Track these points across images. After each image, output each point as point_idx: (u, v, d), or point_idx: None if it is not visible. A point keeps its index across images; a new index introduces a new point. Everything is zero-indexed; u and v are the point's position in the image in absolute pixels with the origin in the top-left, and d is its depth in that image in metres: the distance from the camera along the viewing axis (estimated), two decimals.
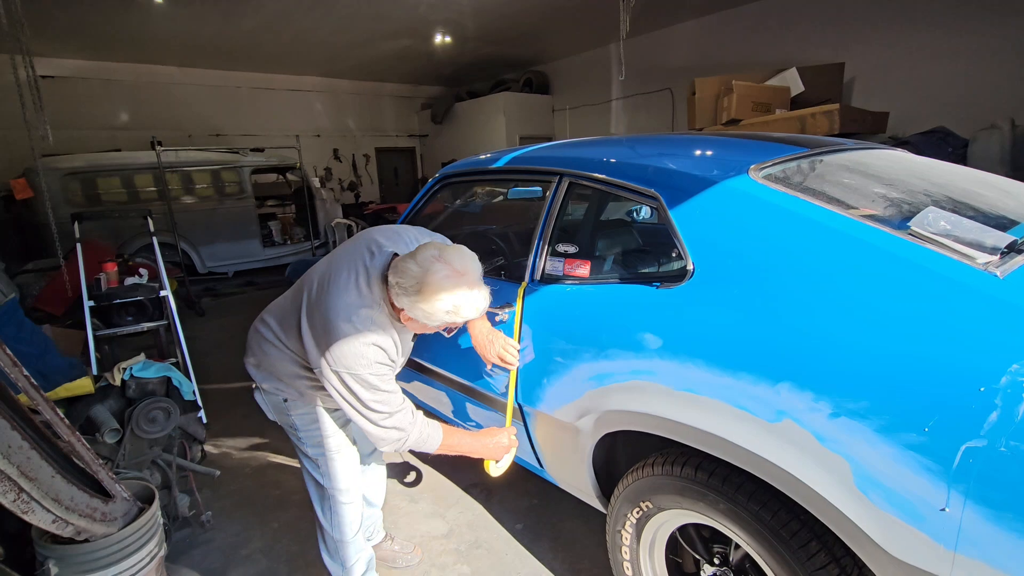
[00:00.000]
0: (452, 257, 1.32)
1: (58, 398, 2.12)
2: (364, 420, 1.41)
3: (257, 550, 2.18)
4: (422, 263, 1.30)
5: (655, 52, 8.20)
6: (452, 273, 1.29)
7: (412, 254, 1.35)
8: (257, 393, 1.70)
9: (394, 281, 1.34)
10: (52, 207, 4.86)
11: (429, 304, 1.29)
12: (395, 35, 7.89)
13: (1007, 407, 0.84)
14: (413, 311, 1.33)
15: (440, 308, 1.30)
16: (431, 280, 1.28)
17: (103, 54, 8.10)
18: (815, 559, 1.11)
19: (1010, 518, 0.83)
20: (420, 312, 1.32)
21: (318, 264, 1.58)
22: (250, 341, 1.66)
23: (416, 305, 1.31)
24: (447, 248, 1.36)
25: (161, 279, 3.27)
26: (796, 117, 5.15)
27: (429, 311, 1.31)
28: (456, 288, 1.29)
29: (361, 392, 1.37)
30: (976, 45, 5.42)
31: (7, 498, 1.22)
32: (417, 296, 1.30)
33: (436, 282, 1.28)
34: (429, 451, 1.54)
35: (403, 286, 1.31)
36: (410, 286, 1.30)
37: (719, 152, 1.71)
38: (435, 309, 1.30)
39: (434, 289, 1.28)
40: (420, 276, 1.29)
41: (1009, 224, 1.29)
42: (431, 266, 1.29)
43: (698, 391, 1.23)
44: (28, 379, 1.30)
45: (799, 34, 6.64)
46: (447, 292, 1.28)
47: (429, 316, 1.32)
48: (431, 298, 1.29)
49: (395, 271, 1.35)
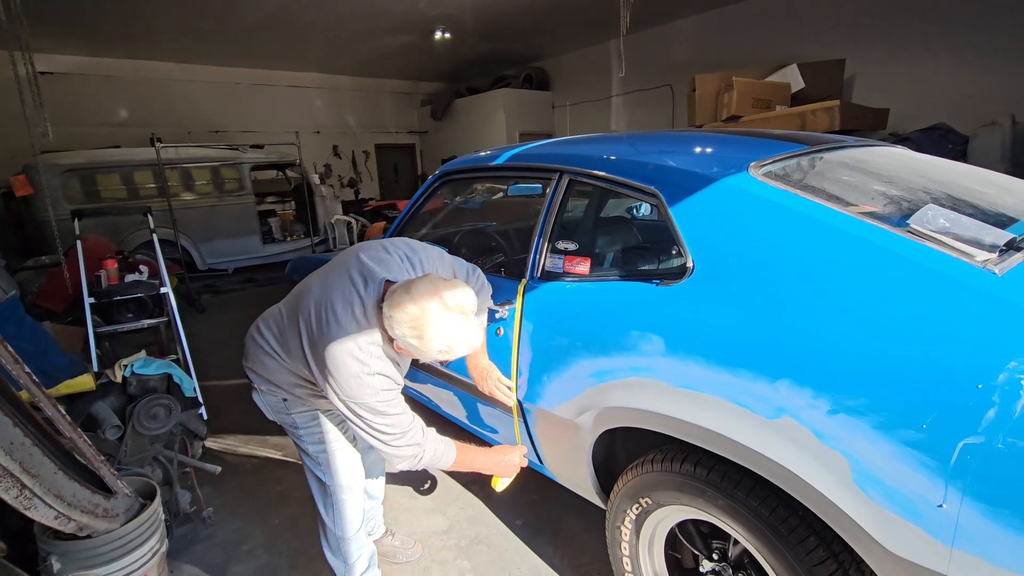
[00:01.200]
0: (448, 295, 1.31)
1: (59, 395, 2.13)
2: (378, 442, 1.45)
3: (258, 546, 2.18)
4: (418, 299, 1.29)
5: (655, 48, 8.18)
6: (448, 313, 1.29)
7: (407, 288, 1.33)
8: (255, 394, 1.71)
9: (389, 314, 1.33)
10: (52, 204, 4.86)
11: (423, 343, 1.30)
12: (395, 31, 7.87)
13: (1005, 404, 0.84)
14: (406, 345, 1.35)
15: (434, 347, 1.31)
16: (427, 320, 1.28)
17: (102, 50, 8.08)
18: (813, 555, 1.11)
19: (1007, 514, 0.83)
20: (413, 348, 1.33)
21: (312, 284, 1.55)
22: (248, 347, 1.66)
23: (408, 341, 1.32)
24: (442, 284, 1.34)
25: (161, 276, 3.28)
26: (796, 114, 5.14)
27: (423, 349, 1.32)
28: (451, 328, 1.30)
29: (371, 418, 1.40)
30: (977, 42, 5.41)
31: (9, 494, 1.23)
32: (411, 332, 1.30)
33: (432, 322, 1.28)
34: (443, 468, 1.59)
35: (398, 320, 1.31)
36: (405, 321, 1.30)
37: (719, 149, 1.71)
38: (429, 348, 1.31)
39: (429, 329, 1.28)
40: (416, 315, 1.28)
41: (1008, 222, 1.29)
42: (427, 304, 1.29)
43: (698, 388, 1.24)
44: (29, 376, 1.31)
45: (800, 30, 6.62)
46: (442, 332, 1.29)
47: (422, 353, 1.34)
48: (425, 337, 1.29)
49: (390, 304, 1.34)
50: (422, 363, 2.18)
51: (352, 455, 1.72)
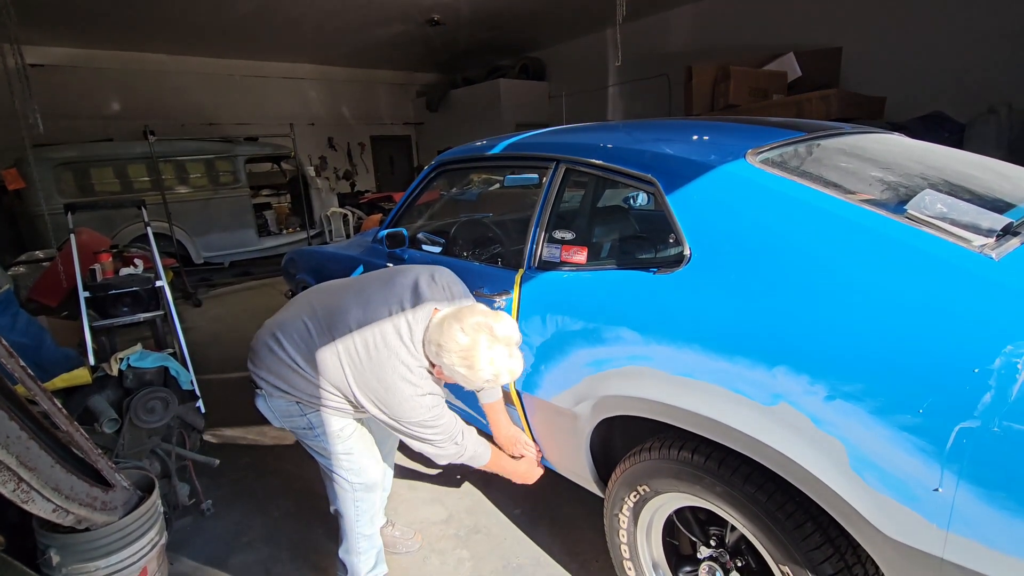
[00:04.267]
0: (498, 328, 1.39)
1: (55, 389, 2.12)
2: (426, 445, 1.53)
3: (258, 538, 2.19)
4: (470, 331, 1.37)
5: (652, 38, 8.13)
6: (496, 344, 1.37)
7: (458, 317, 1.40)
8: (260, 399, 1.63)
9: (439, 342, 1.39)
10: (45, 198, 4.82)
11: (472, 372, 1.37)
12: (389, 21, 7.79)
13: (1001, 388, 0.84)
14: (452, 374, 1.41)
15: (482, 376, 1.37)
16: (479, 352, 1.35)
17: (93, 42, 7.98)
18: (810, 540, 1.12)
19: (1002, 497, 0.84)
20: (460, 376, 1.40)
21: (347, 303, 1.56)
22: (260, 353, 1.58)
23: (456, 370, 1.38)
24: (492, 317, 1.41)
25: (156, 269, 3.25)
26: (793, 102, 5.13)
27: (471, 378, 1.38)
28: (499, 359, 1.37)
29: (422, 432, 1.48)
30: (974, 29, 5.39)
31: (7, 488, 1.23)
32: (460, 361, 1.36)
33: (483, 353, 1.35)
34: (477, 466, 1.68)
35: (448, 350, 1.37)
36: (455, 351, 1.36)
37: (716, 137, 1.71)
38: (478, 377, 1.37)
39: (479, 359, 1.35)
40: (468, 347, 1.36)
41: (1005, 207, 1.29)
42: (479, 336, 1.36)
43: (695, 376, 1.24)
44: (25, 370, 1.30)
45: (796, 19, 6.58)
46: (490, 363, 1.36)
47: (469, 381, 1.40)
48: (476, 367, 1.36)
49: (439, 332, 1.40)
50: None
51: (375, 452, 1.72)
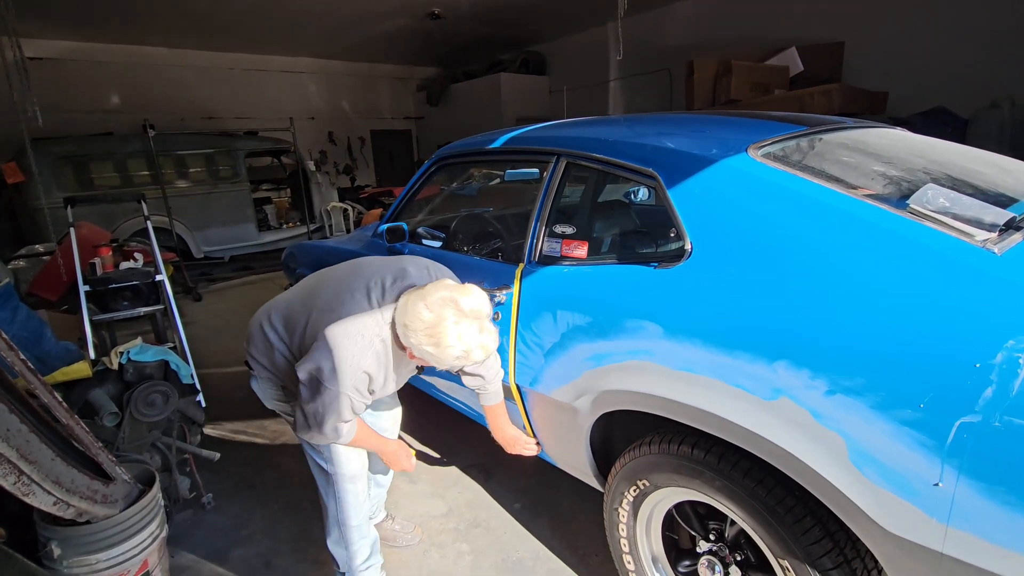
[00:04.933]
0: (464, 301, 1.31)
1: (56, 382, 2.12)
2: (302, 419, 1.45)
3: (258, 530, 2.20)
4: (433, 307, 1.30)
5: (653, 32, 8.09)
6: (463, 319, 1.30)
7: (422, 294, 1.33)
8: (254, 381, 1.70)
9: (402, 322, 1.33)
10: (44, 191, 4.81)
11: (440, 350, 1.30)
12: (389, 14, 7.75)
13: (1002, 383, 0.84)
14: (422, 355, 1.34)
15: (451, 354, 1.30)
16: (443, 328, 1.28)
17: (92, 35, 7.95)
18: (810, 534, 1.12)
19: (1003, 492, 0.84)
20: (429, 356, 1.33)
21: (338, 270, 1.57)
22: (252, 333, 1.64)
23: (425, 350, 1.32)
24: (458, 291, 1.34)
25: (156, 263, 3.25)
26: (795, 97, 5.11)
27: (440, 356, 1.31)
28: (467, 334, 1.30)
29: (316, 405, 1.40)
30: (976, 24, 5.36)
31: (7, 481, 1.23)
32: (427, 339, 1.30)
33: (449, 329, 1.28)
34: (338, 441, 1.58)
35: (412, 328, 1.31)
36: (420, 329, 1.30)
37: (717, 131, 1.70)
38: (445, 355, 1.31)
39: (446, 336, 1.28)
40: (433, 323, 1.29)
41: (1008, 202, 1.28)
42: (443, 312, 1.29)
43: (695, 370, 1.24)
44: (25, 363, 1.30)
45: (799, 13, 6.54)
46: (457, 339, 1.29)
47: (439, 360, 1.33)
48: (443, 344, 1.29)
49: (403, 311, 1.34)
50: None
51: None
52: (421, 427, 2.91)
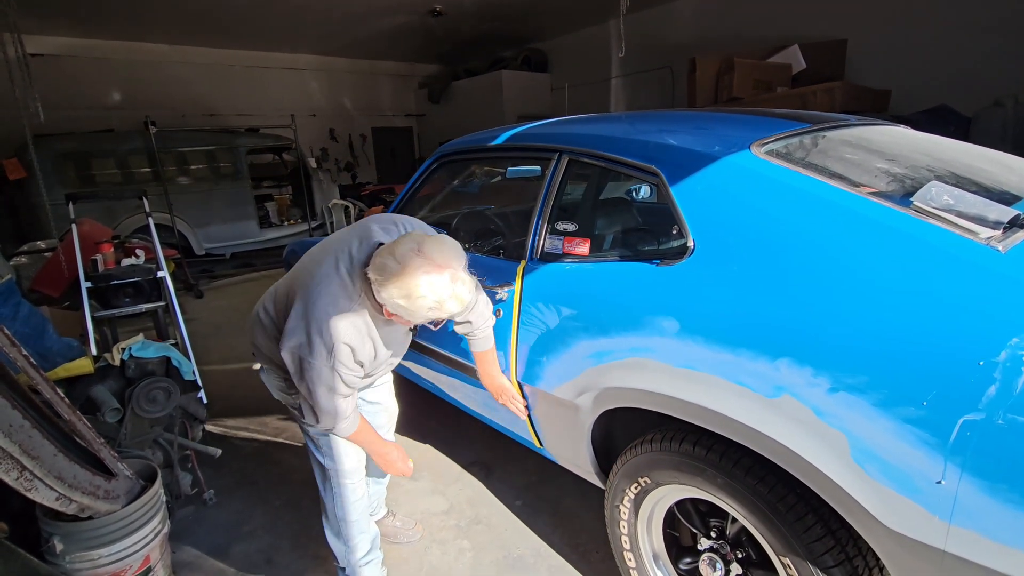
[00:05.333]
0: (432, 250, 1.27)
1: (58, 378, 2.13)
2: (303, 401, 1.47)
3: (260, 527, 2.20)
4: (400, 258, 1.26)
5: (655, 29, 8.06)
6: (433, 268, 1.25)
7: (391, 247, 1.30)
8: (262, 372, 1.71)
9: (373, 276, 1.30)
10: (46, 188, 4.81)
11: (410, 301, 1.26)
12: (391, 11, 7.73)
13: (1006, 381, 0.84)
14: (396, 309, 1.30)
15: (422, 305, 1.26)
16: (410, 277, 1.24)
17: (93, 31, 7.93)
18: (811, 531, 1.12)
19: (1005, 490, 0.84)
20: (401, 309, 1.29)
21: (312, 248, 1.58)
22: (253, 324, 1.65)
23: (397, 303, 1.28)
24: (427, 240, 1.30)
25: (158, 260, 3.25)
26: (797, 95, 5.10)
27: (411, 308, 1.27)
28: (438, 284, 1.25)
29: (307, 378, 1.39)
30: (980, 22, 5.33)
31: (10, 476, 1.23)
32: (398, 292, 1.25)
33: (416, 278, 1.24)
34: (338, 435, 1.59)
35: (382, 283, 1.27)
36: (390, 283, 1.26)
37: (720, 128, 1.69)
38: (417, 306, 1.27)
39: (414, 286, 1.24)
40: (399, 274, 1.25)
41: (1012, 199, 1.28)
42: (410, 261, 1.25)
43: (697, 368, 1.23)
44: (27, 359, 1.30)
45: (801, 10, 6.52)
46: (428, 289, 1.24)
47: (411, 313, 1.29)
48: (412, 295, 1.25)
49: (375, 267, 1.31)
50: (425, 346, 2.18)
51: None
52: (422, 424, 2.91)
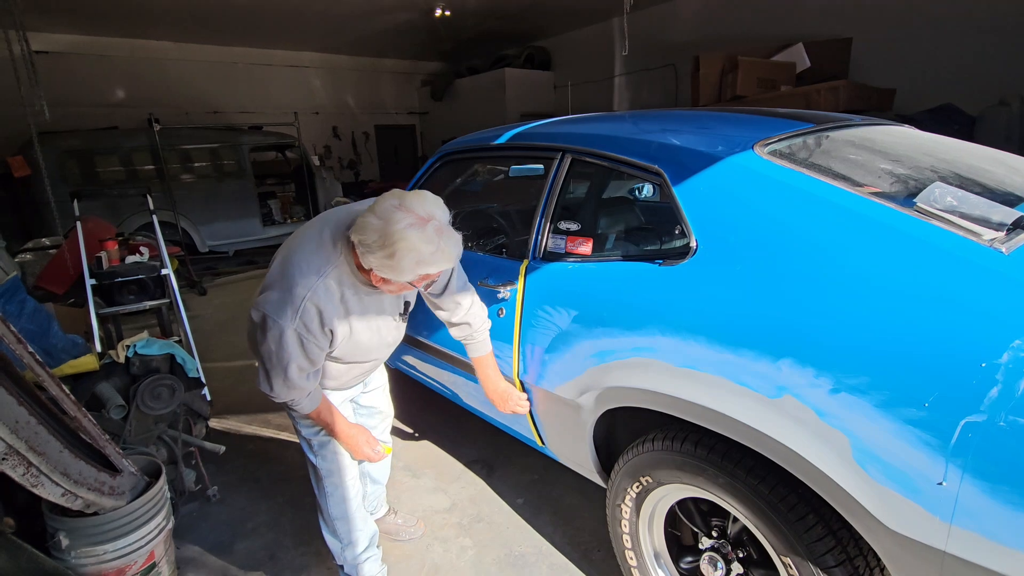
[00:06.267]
0: (414, 203, 1.24)
1: (63, 375, 2.14)
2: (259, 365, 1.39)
3: (263, 523, 2.21)
4: (382, 214, 1.22)
5: (658, 27, 8.04)
6: (416, 221, 1.21)
7: (371, 207, 1.26)
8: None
9: (357, 240, 1.26)
10: (50, 185, 4.83)
11: (396, 259, 1.21)
12: (394, 9, 7.73)
13: (1008, 382, 0.84)
14: (382, 269, 1.25)
15: (409, 260, 1.21)
16: (394, 231, 1.19)
17: (97, 29, 7.95)
18: (812, 532, 1.13)
19: (1007, 491, 0.84)
20: (388, 268, 1.24)
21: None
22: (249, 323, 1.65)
23: (383, 262, 1.23)
24: (407, 195, 1.26)
25: (162, 258, 3.26)
26: (801, 94, 5.08)
27: (398, 265, 1.22)
28: (422, 236, 1.21)
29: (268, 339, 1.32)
30: (984, 21, 5.30)
31: (16, 472, 1.24)
32: (382, 251, 1.21)
33: (399, 232, 1.19)
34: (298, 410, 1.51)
35: (366, 243, 1.23)
36: (373, 241, 1.22)
37: (724, 128, 1.69)
38: (404, 263, 1.22)
39: (398, 240, 1.19)
40: (382, 228, 1.21)
41: (1016, 200, 1.27)
42: (392, 216, 1.21)
43: (699, 368, 1.24)
44: (33, 356, 1.31)
45: (806, 8, 6.49)
46: (413, 242, 1.20)
47: (399, 271, 1.24)
48: (397, 250, 1.20)
49: (356, 229, 1.26)
50: (424, 343, 2.19)
51: None
52: (424, 422, 2.92)
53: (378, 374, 1.90)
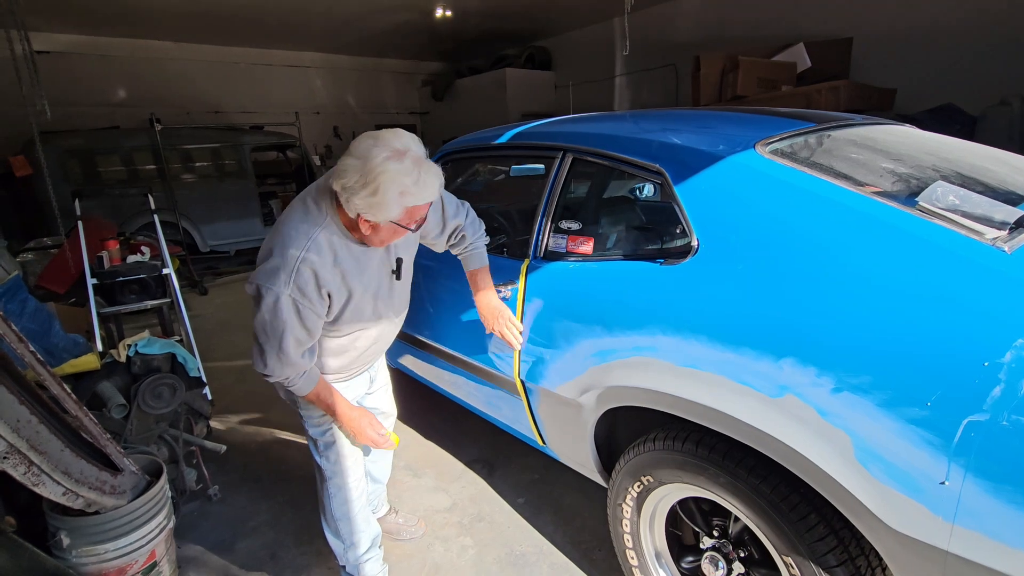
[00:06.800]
0: (389, 138, 1.25)
1: (64, 374, 2.14)
2: (253, 332, 1.38)
3: (264, 522, 2.22)
4: (359, 154, 1.24)
5: (659, 27, 8.03)
6: (393, 154, 1.23)
7: (347, 151, 1.28)
8: None
9: (340, 186, 1.25)
10: (52, 185, 4.84)
11: (379, 195, 1.22)
12: (395, 8, 7.72)
13: (1010, 381, 0.84)
14: (368, 210, 1.25)
15: (392, 192, 1.22)
16: (373, 166, 1.21)
17: (99, 28, 7.95)
18: (814, 531, 1.12)
19: (1009, 490, 0.83)
20: (374, 207, 1.24)
21: None
22: None
23: (368, 200, 1.23)
24: (381, 132, 1.28)
25: (163, 257, 3.27)
26: (802, 93, 5.08)
27: (382, 201, 1.23)
28: (401, 168, 1.22)
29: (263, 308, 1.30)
30: (986, 20, 5.29)
31: (18, 471, 1.24)
32: (364, 189, 1.22)
33: (379, 165, 1.21)
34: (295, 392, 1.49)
35: (348, 186, 1.23)
36: (355, 182, 1.22)
37: (725, 127, 1.69)
38: (388, 197, 1.22)
39: (379, 174, 1.21)
40: (361, 167, 1.22)
41: (1018, 199, 1.27)
42: (369, 152, 1.23)
43: (701, 367, 1.23)
44: (34, 355, 1.31)
45: (807, 8, 6.49)
46: (393, 174, 1.21)
47: (385, 206, 1.24)
48: (379, 184, 1.21)
49: (336, 175, 1.27)
50: (424, 342, 2.19)
51: (350, 441, 1.70)
52: (426, 422, 2.92)
53: (382, 373, 1.90)
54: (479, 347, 1.92)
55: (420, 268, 1.87)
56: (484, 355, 1.91)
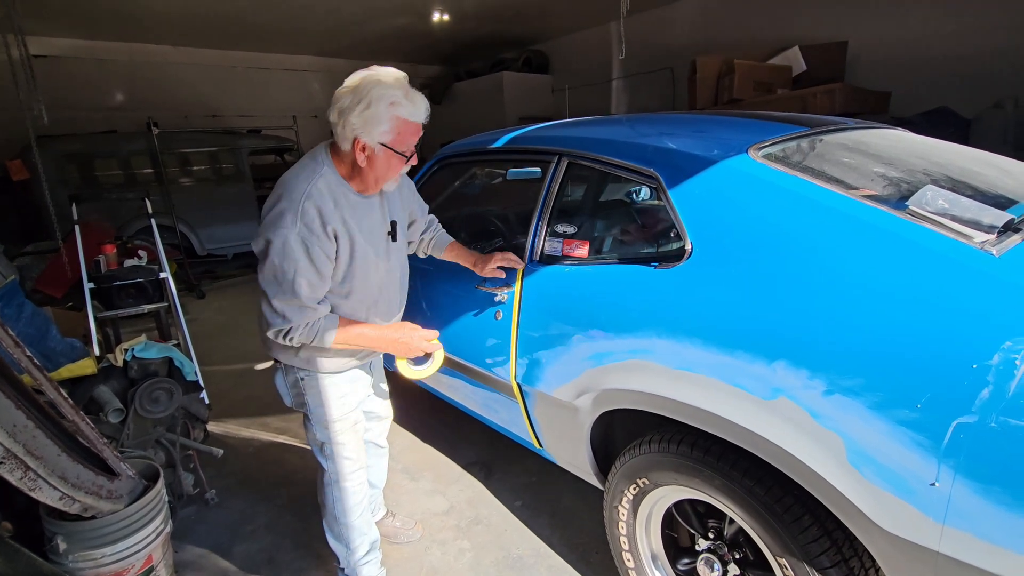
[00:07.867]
0: (376, 69, 1.39)
1: (61, 379, 2.14)
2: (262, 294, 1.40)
3: (261, 527, 2.21)
4: (351, 82, 1.37)
5: (656, 31, 8.07)
6: (382, 75, 1.37)
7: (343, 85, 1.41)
8: (278, 375, 1.65)
9: (336, 113, 1.37)
10: (49, 189, 4.84)
11: (372, 107, 1.32)
12: (392, 13, 7.75)
13: (999, 384, 0.85)
14: (363, 128, 1.34)
15: (384, 104, 1.33)
16: (364, 84, 1.34)
17: (96, 33, 7.96)
18: (807, 533, 1.13)
19: (998, 491, 0.85)
20: (368, 121, 1.34)
21: None
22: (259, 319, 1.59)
23: (362, 116, 1.33)
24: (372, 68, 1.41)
25: (160, 261, 3.27)
26: (798, 97, 5.10)
27: (375, 113, 1.33)
28: (390, 83, 1.35)
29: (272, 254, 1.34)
30: (980, 24, 5.33)
31: (14, 476, 1.25)
32: (358, 105, 1.33)
33: (370, 81, 1.34)
34: (325, 346, 1.46)
35: (343, 108, 1.35)
36: (348, 102, 1.34)
37: (719, 131, 1.70)
38: (379, 108, 1.33)
39: (371, 88, 1.33)
40: (353, 87, 1.35)
41: (1008, 203, 1.29)
42: (359, 76, 1.37)
43: (695, 370, 1.24)
44: (31, 359, 1.32)
45: (802, 12, 6.53)
46: (384, 88, 1.33)
47: (378, 118, 1.34)
48: (371, 98, 1.32)
49: (332, 106, 1.38)
50: None
51: (356, 445, 1.70)
52: (423, 425, 2.92)
53: (379, 377, 1.91)
54: (476, 351, 1.92)
55: (416, 271, 1.88)
56: (480, 358, 1.92)
